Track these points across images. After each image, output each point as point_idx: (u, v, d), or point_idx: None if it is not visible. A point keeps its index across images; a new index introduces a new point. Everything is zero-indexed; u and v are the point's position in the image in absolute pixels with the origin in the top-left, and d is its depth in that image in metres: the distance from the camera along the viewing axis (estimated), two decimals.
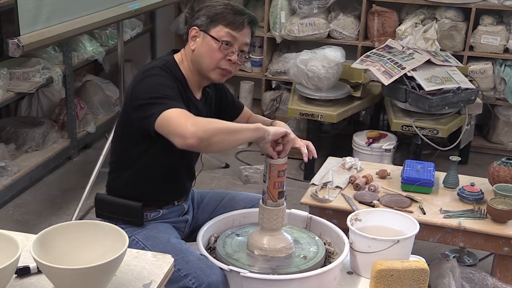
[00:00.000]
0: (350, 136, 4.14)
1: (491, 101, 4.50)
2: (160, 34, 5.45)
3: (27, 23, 2.93)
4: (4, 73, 3.56)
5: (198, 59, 2.13)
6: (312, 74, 4.06)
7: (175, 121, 1.89)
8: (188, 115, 1.91)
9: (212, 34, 2.11)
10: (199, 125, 1.86)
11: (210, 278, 1.95)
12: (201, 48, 2.12)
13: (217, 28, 2.11)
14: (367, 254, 2.10)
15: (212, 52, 2.11)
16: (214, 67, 2.13)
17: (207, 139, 1.87)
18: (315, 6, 4.61)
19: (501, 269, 2.62)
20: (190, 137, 1.84)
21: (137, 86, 2.05)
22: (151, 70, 2.08)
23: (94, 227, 1.63)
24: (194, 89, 2.19)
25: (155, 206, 2.22)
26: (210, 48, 2.11)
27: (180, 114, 1.90)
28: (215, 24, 2.11)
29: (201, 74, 2.17)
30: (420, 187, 2.80)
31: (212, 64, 2.12)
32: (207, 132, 1.87)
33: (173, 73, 2.11)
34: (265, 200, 2.08)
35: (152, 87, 2.00)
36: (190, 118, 1.89)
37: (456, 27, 4.42)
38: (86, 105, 4.41)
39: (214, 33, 2.11)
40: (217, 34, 2.11)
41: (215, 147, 1.94)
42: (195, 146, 1.88)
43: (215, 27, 2.11)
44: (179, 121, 1.88)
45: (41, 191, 3.88)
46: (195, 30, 2.13)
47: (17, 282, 1.60)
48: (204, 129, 1.86)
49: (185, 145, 1.87)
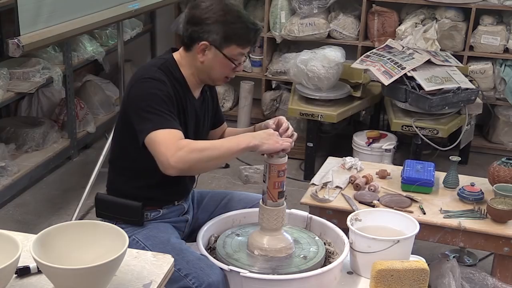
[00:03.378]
0: (350, 136, 4.14)
1: (491, 101, 4.50)
2: (160, 34, 5.45)
3: (27, 23, 2.93)
4: (4, 73, 3.56)
5: (207, 70, 2.15)
6: (312, 74, 4.06)
7: (159, 149, 1.95)
8: (172, 142, 1.95)
9: (225, 53, 2.11)
10: (179, 157, 1.93)
11: (210, 278, 1.95)
12: (211, 63, 2.13)
13: (231, 48, 2.11)
14: (367, 254, 2.10)
15: (224, 68, 2.15)
16: (223, 78, 2.19)
17: (187, 169, 1.97)
18: (315, 6, 4.61)
19: (501, 269, 2.62)
20: (171, 168, 1.94)
21: (133, 90, 2.07)
22: (148, 72, 2.08)
23: (94, 227, 1.63)
24: (193, 88, 2.20)
25: (155, 205, 2.22)
26: (222, 64, 2.13)
27: (165, 140, 1.95)
28: (229, 44, 2.10)
29: (204, 80, 2.20)
30: (420, 187, 2.80)
31: (222, 76, 2.18)
32: (187, 163, 1.94)
33: (172, 73, 2.12)
34: (265, 200, 2.08)
35: (146, 96, 2.02)
36: (172, 148, 1.93)
37: (456, 27, 4.42)
38: (86, 105, 4.41)
39: (227, 52, 2.11)
40: (230, 53, 2.11)
41: (195, 173, 2.21)
42: (175, 175, 1.97)
43: (228, 47, 2.10)
44: (162, 150, 1.94)
45: (41, 191, 3.88)
46: (205, 45, 2.10)
47: (17, 282, 1.60)
48: (185, 161, 1.94)
49: (166, 173, 1.97)
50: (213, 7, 2.09)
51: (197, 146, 1.97)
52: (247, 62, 4.94)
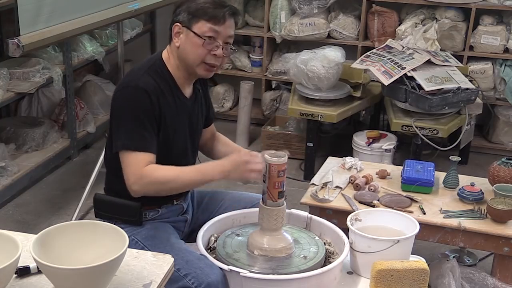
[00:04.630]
0: (350, 136, 4.14)
1: (491, 101, 4.50)
2: (160, 34, 5.45)
3: (27, 23, 2.93)
4: (4, 73, 3.56)
5: (183, 55, 2.14)
6: (312, 74, 4.06)
7: (125, 169, 2.06)
8: (137, 168, 2.03)
9: (195, 30, 2.10)
10: (140, 186, 2.04)
11: (209, 278, 1.95)
12: (185, 45, 2.13)
13: (199, 24, 2.10)
14: (367, 254, 2.10)
15: (196, 48, 2.11)
16: (200, 62, 2.14)
17: (149, 194, 2.09)
18: (315, 6, 4.61)
19: (501, 269, 2.62)
20: (132, 192, 2.07)
21: (116, 97, 2.13)
22: (135, 77, 2.10)
23: (94, 227, 1.63)
24: (183, 86, 2.20)
25: (154, 205, 2.22)
26: (194, 44, 2.11)
27: (131, 164, 2.04)
28: (196, 19, 2.10)
29: (188, 70, 2.18)
30: (420, 187, 2.80)
31: (197, 59, 2.13)
32: (148, 192, 2.08)
33: (160, 75, 2.13)
34: (265, 200, 2.08)
35: (125, 109, 2.08)
36: (136, 174, 2.03)
37: (456, 27, 4.42)
38: (86, 105, 4.41)
39: (197, 29, 2.10)
40: (200, 30, 2.10)
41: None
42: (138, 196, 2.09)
43: (197, 23, 2.10)
44: (127, 172, 2.05)
45: (41, 191, 3.88)
46: (177, 27, 2.13)
47: (17, 282, 1.60)
48: (145, 190, 2.06)
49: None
50: None
51: (160, 178, 2.04)
52: (247, 62, 4.95)
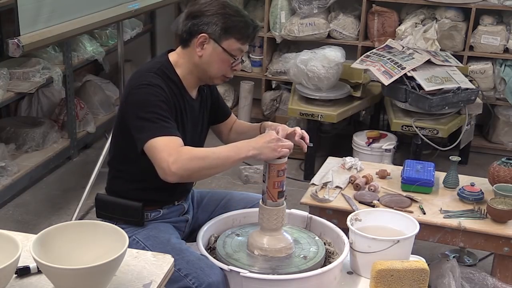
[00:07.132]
0: (350, 136, 4.14)
1: (491, 101, 4.50)
2: (160, 34, 5.45)
3: (27, 23, 2.93)
4: (4, 73, 3.56)
5: (205, 66, 2.13)
6: (312, 74, 4.06)
7: (160, 155, 1.95)
8: (172, 148, 1.95)
9: (224, 46, 2.10)
10: (181, 164, 1.93)
11: (210, 278, 1.95)
12: (210, 57, 2.11)
13: (230, 41, 2.10)
14: (367, 254, 2.10)
15: (222, 63, 2.13)
16: (220, 76, 2.17)
17: (187, 176, 1.98)
18: (315, 6, 4.61)
19: (501, 269, 2.62)
20: (171, 174, 1.94)
21: (131, 97, 2.07)
22: (145, 77, 2.07)
23: (94, 227, 1.63)
24: (190, 89, 2.19)
25: (155, 206, 2.22)
26: (220, 59, 2.12)
27: (165, 147, 1.95)
28: (228, 36, 2.09)
29: (202, 78, 2.18)
30: (420, 187, 2.80)
31: (219, 73, 2.16)
32: (188, 171, 1.95)
33: (168, 76, 2.12)
34: (265, 200, 2.08)
35: (145, 103, 2.02)
36: (173, 154, 1.93)
37: (456, 27, 4.42)
38: (86, 105, 4.41)
39: (226, 45, 2.10)
40: (229, 48, 2.10)
41: (195, 179, 2.19)
42: (175, 181, 1.97)
43: (227, 40, 2.10)
44: (163, 156, 1.94)
45: (41, 191, 3.88)
46: (204, 37, 2.09)
47: (17, 282, 1.60)
48: (186, 168, 1.94)
49: (166, 180, 1.97)
50: (213, 2, 2.11)
51: (199, 154, 1.98)
52: (247, 62, 4.94)
